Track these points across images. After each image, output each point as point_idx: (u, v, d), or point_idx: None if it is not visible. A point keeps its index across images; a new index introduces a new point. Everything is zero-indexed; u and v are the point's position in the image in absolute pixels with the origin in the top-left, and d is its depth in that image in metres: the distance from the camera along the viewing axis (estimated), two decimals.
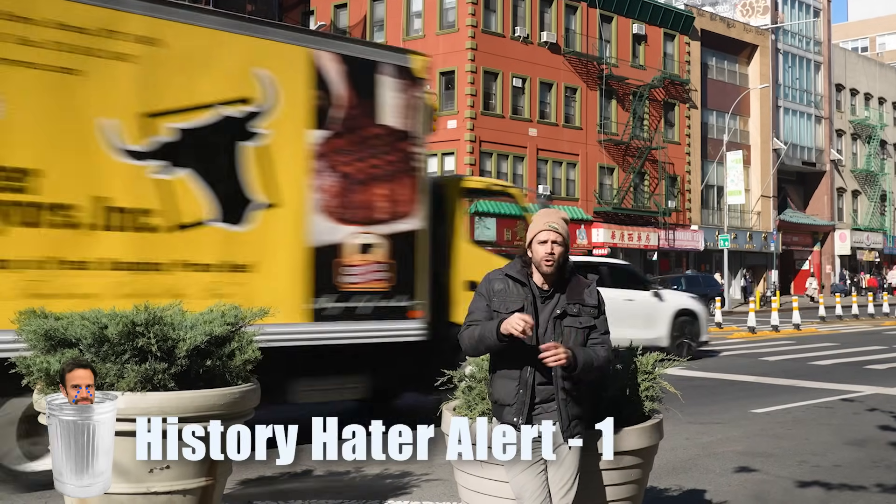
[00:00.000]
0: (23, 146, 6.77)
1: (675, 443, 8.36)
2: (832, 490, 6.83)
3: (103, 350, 4.34)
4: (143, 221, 7.32)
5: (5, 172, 6.68)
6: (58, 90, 6.94)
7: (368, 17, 40.94)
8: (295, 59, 8.28)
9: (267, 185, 8.01)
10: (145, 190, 7.34)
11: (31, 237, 6.75)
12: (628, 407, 4.25)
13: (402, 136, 8.95)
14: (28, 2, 6.79)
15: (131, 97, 7.31)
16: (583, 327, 3.92)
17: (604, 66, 42.30)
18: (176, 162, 7.51)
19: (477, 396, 4.28)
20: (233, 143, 7.87)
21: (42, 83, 6.86)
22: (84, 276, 6.97)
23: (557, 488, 3.85)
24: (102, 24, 7.15)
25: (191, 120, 7.62)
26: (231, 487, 6.29)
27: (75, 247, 6.95)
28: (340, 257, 8.47)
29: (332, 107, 8.48)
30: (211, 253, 7.68)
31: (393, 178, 8.87)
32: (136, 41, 7.35)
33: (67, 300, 6.52)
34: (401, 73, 8.97)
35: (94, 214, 7.06)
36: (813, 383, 13.77)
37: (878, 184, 59.23)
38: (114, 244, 7.15)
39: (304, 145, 8.29)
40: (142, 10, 7.39)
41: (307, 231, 8.28)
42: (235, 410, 4.54)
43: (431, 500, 6.27)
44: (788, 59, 53.44)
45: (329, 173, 8.43)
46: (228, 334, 4.67)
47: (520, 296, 3.90)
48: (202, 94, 7.70)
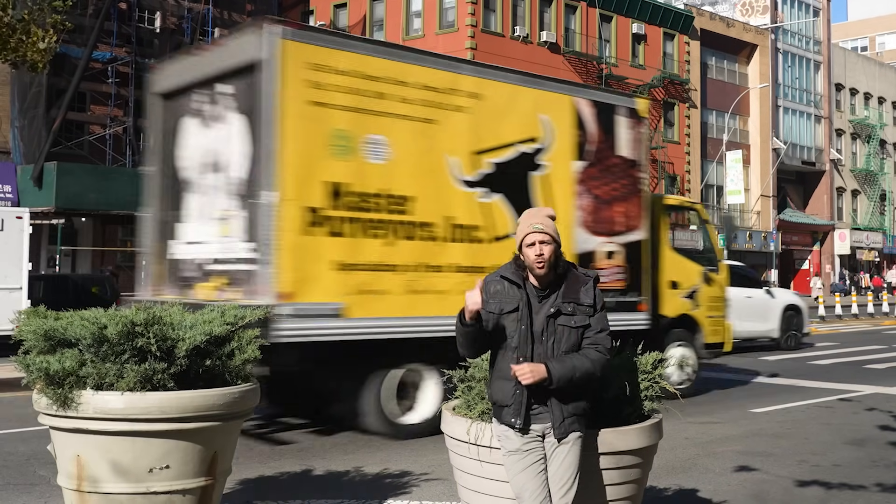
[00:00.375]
0: (403, 179, 8.80)
1: (674, 442, 8.36)
2: (832, 489, 6.84)
3: (103, 350, 4.34)
4: (474, 235, 9.37)
5: (394, 199, 8.71)
6: (422, 136, 9.01)
7: (368, 17, 40.92)
8: (564, 105, 10.37)
9: (548, 204, 9.75)
10: (475, 211, 9.39)
11: (410, 248, 8.81)
12: (628, 406, 4.25)
13: (632, 164, 11.05)
14: (405, 69, 8.93)
15: (465, 139, 9.38)
16: (577, 326, 3.90)
17: (603, 66, 42.29)
18: (492, 188, 9.55)
19: (476, 396, 4.28)
20: (526, 172, 9.91)
21: (413, 131, 8.95)
22: (440, 277, 8.99)
23: (557, 487, 3.85)
24: (448, 85, 9.29)
25: (501, 156, 9.67)
26: (230, 487, 6.29)
27: (434, 255, 9.00)
28: (594, 261, 10.46)
29: (587, 142, 10.54)
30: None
31: (627, 198, 10.96)
32: (468, 96, 9.46)
33: (430, 295, 8.82)
34: (631, 113, 11.09)
35: (445, 230, 9.12)
36: (812, 383, 13.78)
37: (877, 183, 59.24)
38: (457, 252, 9.21)
39: (570, 173, 10.34)
40: (471, 73, 9.67)
41: (573, 240, 10.27)
42: (235, 410, 4.55)
43: (431, 499, 6.28)
44: (788, 58, 53.44)
45: (586, 195, 10.48)
46: (228, 334, 4.66)
47: (515, 297, 3.90)
48: (507, 135, 9.75)
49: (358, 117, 8.55)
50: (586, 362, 3.85)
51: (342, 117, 8.43)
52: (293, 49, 8.28)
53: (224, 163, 8.85)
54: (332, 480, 6.98)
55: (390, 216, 8.68)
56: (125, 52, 32.00)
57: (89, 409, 4.24)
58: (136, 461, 4.27)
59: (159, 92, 9.85)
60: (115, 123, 32.12)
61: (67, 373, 4.27)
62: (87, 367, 4.31)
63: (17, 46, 15.03)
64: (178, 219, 9.43)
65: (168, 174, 9.63)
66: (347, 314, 8.24)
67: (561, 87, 10.59)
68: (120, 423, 4.24)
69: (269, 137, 8.08)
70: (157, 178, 9.74)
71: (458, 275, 9.12)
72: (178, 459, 4.33)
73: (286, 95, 8.13)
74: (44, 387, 4.32)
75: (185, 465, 4.36)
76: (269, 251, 7.85)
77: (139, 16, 32.96)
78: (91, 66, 30.40)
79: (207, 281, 8.81)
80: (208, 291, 8.68)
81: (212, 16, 34.23)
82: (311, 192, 8.12)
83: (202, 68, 9.17)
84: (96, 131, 32.14)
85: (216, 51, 9.28)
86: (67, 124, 30.73)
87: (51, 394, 4.29)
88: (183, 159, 9.46)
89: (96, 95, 31.85)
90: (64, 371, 4.26)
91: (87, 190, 28.64)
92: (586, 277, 4.01)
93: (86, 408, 4.25)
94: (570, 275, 3.97)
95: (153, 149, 9.92)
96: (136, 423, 4.24)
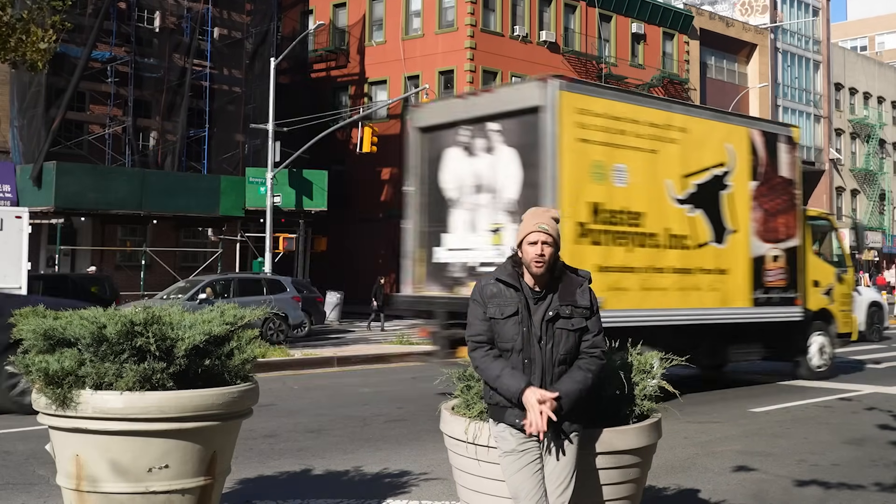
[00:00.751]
0: (638, 198, 11.14)
1: (673, 442, 8.36)
2: (831, 489, 6.83)
3: (102, 349, 4.33)
4: (684, 243, 11.67)
5: (631, 215, 11.06)
6: (649, 163, 11.33)
7: (367, 17, 40.89)
8: (742, 135, 12.70)
9: (732, 218, 12.36)
10: (684, 223, 11.70)
11: (642, 253, 11.15)
12: (626, 406, 4.25)
13: (790, 183, 13.46)
14: (636, 110, 11.30)
15: (677, 165, 11.69)
16: (575, 329, 3.91)
17: (603, 66, 42.29)
18: (695, 205, 11.86)
19: (475, 396, 4.28)
20: (718, 192, 12.21)
21: (643, 160, 11.26)
22: (661, 277, 11.36)
23: (553, 487, 3.85)
24: (665, 121, 11.61)
25: (701, 178, 11.95)
26: (230, 486, 6.29)
27: (658, 259, 11.32)
28: (764, 265, 12.79)
29: (759, 165, 12.87)
30: (711, 262, 12.05)
31: (787, 211, 13.32)
32: (678, 130, 11.75)
33: (655, 292, 11.23)
34: (788, 140, 13.50)
35: (665, 239, 11.44)
36: (811, 382, 13.78)
37: (877, 183, 59.23)
38: (672, 257, 11.50)
39: (747, 191, 12.63)
40: (680, 111, 12.14)
41: (749, 247, 12.58)
42: (234, 410, 4.54)
43: (430, 499, 6.28)
44: (787, 58, 53.43)
45: (758, 209, 12.78)
46: (227, 334, 4.66)
47: (513, 299, 3.90)
48: (705, 161, 12.04)
49: (608, 150, 10.90)
50: (588, 377, 3.89)
51: (598, 151, 10.80)
52: (567, 97, 10.59)
53: (491, 185, 11.23)
54: (331, 480, 6.98)
55: (629, 228, 11.03)
56: (124, 52, 31.98)
57: (88, 408, 4.24)
58: (136, 461, 4.26)
59: (420, 126, 12.29)
60: (115, 123, 32.11)
61: (66, 372, 4.27)
62: (86, 367, 4.31)
63: (16, 46, 15.01)
64: (443, 229, 11.77)
65: (429, 193, 12.01)
66: (605, 307, 9.18)
67: (740, 121, 13.37)
68: (119, 423, 4.24)
69: (551, 167, 10.42)
70: (419, 197, 12.17)
71: (673, 275, 11.49)
72: (177, 459, 4.33)
73: (563, 134, 10.49)
74: (43, 386, 4.32)
75: (185, 464, 4.36)
76: None
77: (138, 15, 32.94)
78: (90, 65, 30.40)
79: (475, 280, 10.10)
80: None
81: (211, 15, 34.22)
82: (579, 210, 10.53)
83: (469, 109, 11.64)
84: (95, 131, 32.13)
85: (486, 96, 11.84)
86: (67, 124, 30.72)
87: (50, 393, 4.29)
88: (446, 181, 11.83)
89: (95, 95, 31.84)
90: (63, 370, 4.26)
91: (86, 189, 28.65)
92: (580, 279, 4.00)
93: (85, 407, 4.24)
94: (564, 277, 3.97)
95: (414, 172, 12.27)
96: (135, 423, 4.23)
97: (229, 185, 32.32)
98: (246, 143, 34.26)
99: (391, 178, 39.33)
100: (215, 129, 34.12)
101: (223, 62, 34.77)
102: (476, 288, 4.02)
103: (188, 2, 33.94)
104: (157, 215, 30.78)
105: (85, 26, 29.40)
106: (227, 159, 34.00)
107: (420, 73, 38.34)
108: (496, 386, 3.87)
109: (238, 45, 35.25)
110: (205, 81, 33.70)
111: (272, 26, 35.46)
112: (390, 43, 39.91)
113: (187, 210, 31.31)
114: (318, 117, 33.84)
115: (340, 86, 41.62)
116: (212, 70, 33.94)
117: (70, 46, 28.51)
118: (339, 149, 38.83)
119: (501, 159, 11.07)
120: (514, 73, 38.99)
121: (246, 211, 32.43)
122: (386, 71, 39.84)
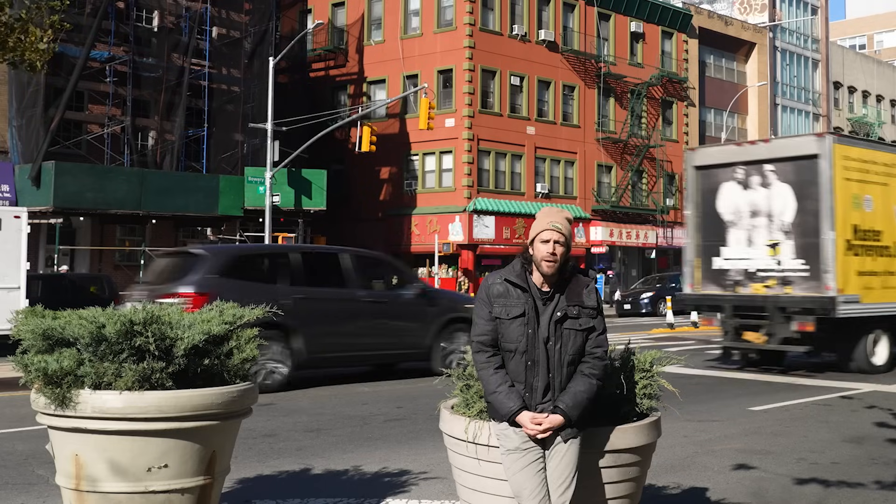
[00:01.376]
0: (877, 220, 14.79)
1: (673, 440, 8.36)
2: (830, 487, 6.83)
3: (101, 349, 4.33)
4: None
5: (874, 233, 14.67)
6: (883, 193, 14.94)
7: (366, 16, 40.89)
8: None
9: None
10: None
11: (882, 261, 14.78)
12: (626, 405, 4.25)
13: None
14: (874, 154, 15.09)
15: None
16: (582, 329, 3.92)
17: (602, 64, 42.29)
18: None
19: (475, 395, 4.27)
20: None
21: (881, 191, 14.90)
22: (893, 278, 14.89)
23: (556, 486, 3.85)
24: (892, 161, 15.20)
25: None
26: (229, 486, 6.28)
27: (890, 265, 14.93)
28: None
29: None
30: None
31: None
32: None
33: (890, 289, 14.75)
34: None
35: (894, 249, 14.97)
36: (811, 381, 13.79)
37: None
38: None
39: None
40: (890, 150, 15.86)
41: None
42: (234, 409, 4.54)
43: (430, 498, 6.27)
44: (786, 56, 53.44)
45: None
46: (227, 333, 4.65)
47: (519, 300, 3.90)
48: None
49: (861, 185, 14.53)
50: (593, 385, 3.91)
51: (855, 186, 14.41)
52: (838, 148, 14.30)
53: (767, 211, 14.70)
54: (330, 479, 6.97)
55: (873, 243, 14.65)
56: (123, 52, 31.98)
57: (87, 408, 4.24)
58: (135, 460, 4.26)
59: (696, 165, 15.74)
60: (113, 123, 32.10)
61: (65, 372, 4.26)
62: (85, 367, 4.30)
63: (15, 46, 15.01)
64: (721, 243, 15.26)
65: (703, 216, 15.53)
66: (861, 301, 14.23)
67: None
68: (118, 423, 4.23)
69: (827, 199, 14.00)
70: (694, 219, 15.73)
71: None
72: (176, 458, 4.32)
73: (835, 175, 14.07)
74: (42, 386, 4.31)
75: (184, 464, 4.35)
76: (819, 265, 13.91)
77: (137, 15, 32.93)
78: (89, 65, 30.39)
79: (755, 282, 14.73)
80: (758, 289, 14.67)
81: (209, 14, 34.21)
82: (846, 230, 14.16)
83: (743, 154, 15.28)
84: (94, 130, 32.12)
85: (762, 145, 15.43)
86: (65, 123, 30.72)
87: (49, 393, 4.28)
88: (723, 207, 15.29)
89: (94, 94, 31.83)
90: (62, 370, 4.26)
91: (84, 189, 28.65)
92: (587, 279, 4.02)
93: (84, 407, 4.24)
94: (573, 278, 3.99)
95: (692, 200, 15.81)
96: (134, 423, 4.23)
97: (228, 184, 32.32)
98: (245, 143, 34.26)
99: (390, 177, 39.34)
100: (214, 129, 34.12)
101: (222, 61, 34.76)
102: (483, 286, 4.02)
103: (187, 1, 33.94)
104: (155, 215, 30.79)
105: (83, 26, 29.39)
106: (226, 159, 33.99)
107: (419, 72, 38.35)
108: (490, 401, 3.91)
109: (237, 45, 35.24)
110: (203, 81, 33.70)
111: (271, 25, 35.46)
112: (389, 42, 39.90)
113: (186, 210, 31.31)
114: (317, 117, 33.84)
115: (339, 85, 41.62)
116: (210, 69, 33.93)
117: (69, 46, 28.50)
118: (338, 148, 38.84)
119: (778, 192, 14.60)
120: (512, 73, 39.01)
121: (245, 210, 32.44)
122: (385, 70, 39.84)
